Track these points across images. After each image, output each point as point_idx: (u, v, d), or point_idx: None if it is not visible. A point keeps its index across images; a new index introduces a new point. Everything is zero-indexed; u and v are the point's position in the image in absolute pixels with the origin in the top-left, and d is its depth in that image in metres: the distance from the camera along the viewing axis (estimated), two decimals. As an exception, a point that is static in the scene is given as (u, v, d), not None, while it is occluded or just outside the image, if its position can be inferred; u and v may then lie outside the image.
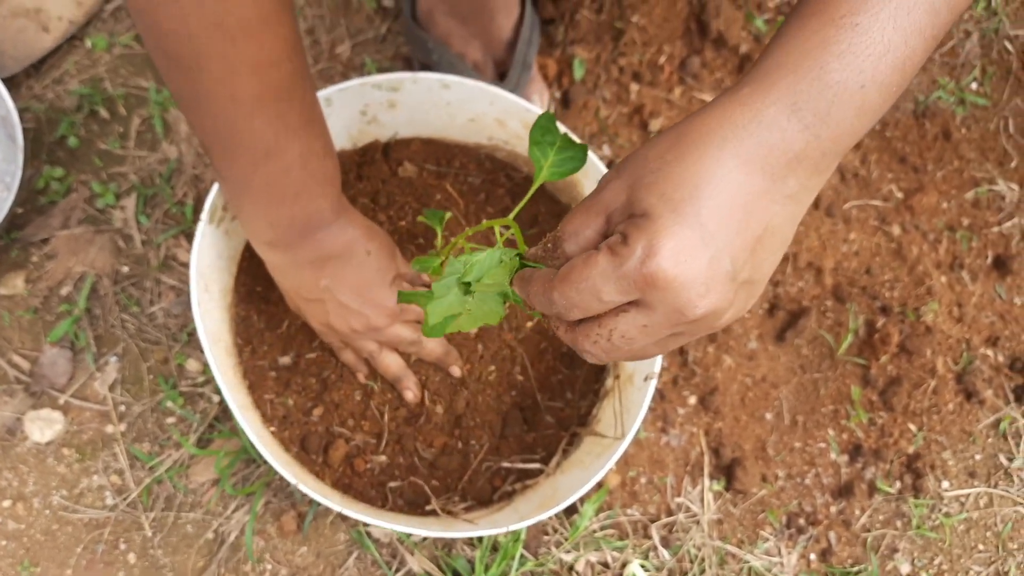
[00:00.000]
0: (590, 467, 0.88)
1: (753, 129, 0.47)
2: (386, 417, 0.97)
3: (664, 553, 1.12)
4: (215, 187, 0.84)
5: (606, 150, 1.20)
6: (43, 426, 1.04)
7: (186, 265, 1.09)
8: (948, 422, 1.20)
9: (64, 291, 1.08)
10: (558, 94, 1.20)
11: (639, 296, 0.47)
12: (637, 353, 0.51)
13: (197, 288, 0.82)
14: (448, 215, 0.79)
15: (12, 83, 1.10)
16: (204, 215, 0.83)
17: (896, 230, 1.24)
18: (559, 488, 0.90)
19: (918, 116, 1.28)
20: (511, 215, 0.65)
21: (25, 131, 1.09)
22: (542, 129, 0.59)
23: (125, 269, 1.09)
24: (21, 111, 1.10)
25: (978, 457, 1.19)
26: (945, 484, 1.19)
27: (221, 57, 0.62)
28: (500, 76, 1.12)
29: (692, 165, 0.47)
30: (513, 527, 0.84)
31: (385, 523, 0.83)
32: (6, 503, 1.04)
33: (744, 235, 0.47)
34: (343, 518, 1.07)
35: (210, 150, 0.71)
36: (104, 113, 1.12)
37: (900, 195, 1.26)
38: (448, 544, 1.07)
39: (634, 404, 0.89)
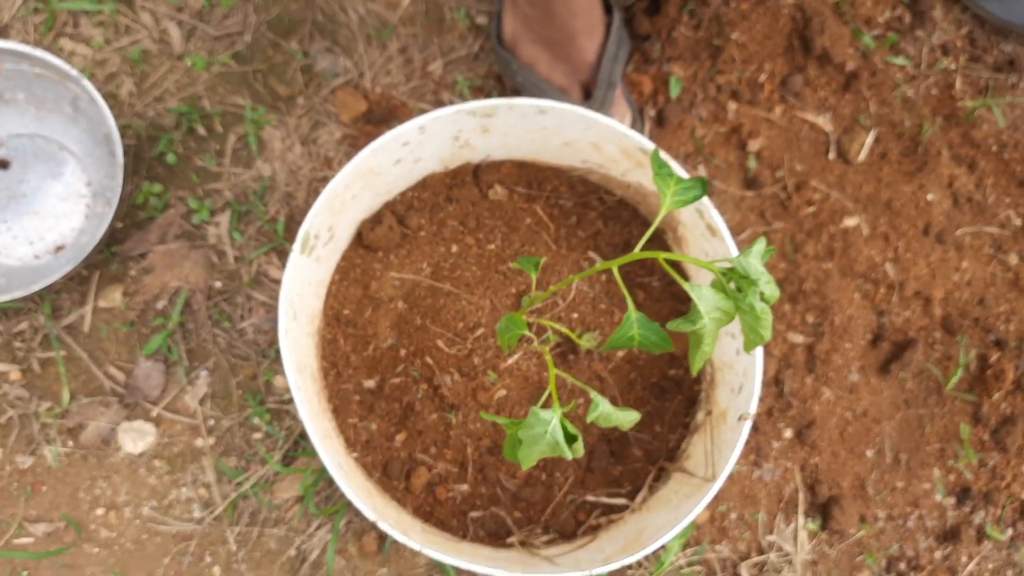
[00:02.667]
0: (679, 508, 0.85)
1: None
2: (469, 447, 0.96)
3: (754, 593, 1.07)
4: (308, 217, 0.84)
5: (702, 170, 1.16)
6: (136, 437, 1.07)
7: (277, 282, 1.10)
8: (1067, 466, 1.12)
9: (159, 305, 1.10)
10: (653, 112, 1.16)
11: None
12: None
13: (286, 317, 0.81)
14: (543, 260, 0.77)
15: (115, 100, 1.13)
16: (296, 246, 0.82)
17: (1013, 259, 1.17)
18: (646, 527, 0.87)
19: (1041, 137, 1.20)
20: (635, 250, 0.65)
21: (126, 147, 1.12)
22: (659, 162, 0.66)
23: (218, 284, 1.10)
24: (123, 128, 1.12)
25: (1101, 507, 1.11)
26: (1063, 533, 1.11)
27: None
28: (586, 96, 1.09)
29: None
30: (596, 571, 0.81)
31: (464, 563, 0.81)
32: (99, 511, 1.06)
33: None
34: (424, 542, 1.06)
35: None
36: (201, 130, 1.13)
37: (1019, 221, 1.18)
38: (529, 573, 1.05)
39: (726, 445, 0.85)
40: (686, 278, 1.03)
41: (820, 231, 1.15)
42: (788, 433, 1.11)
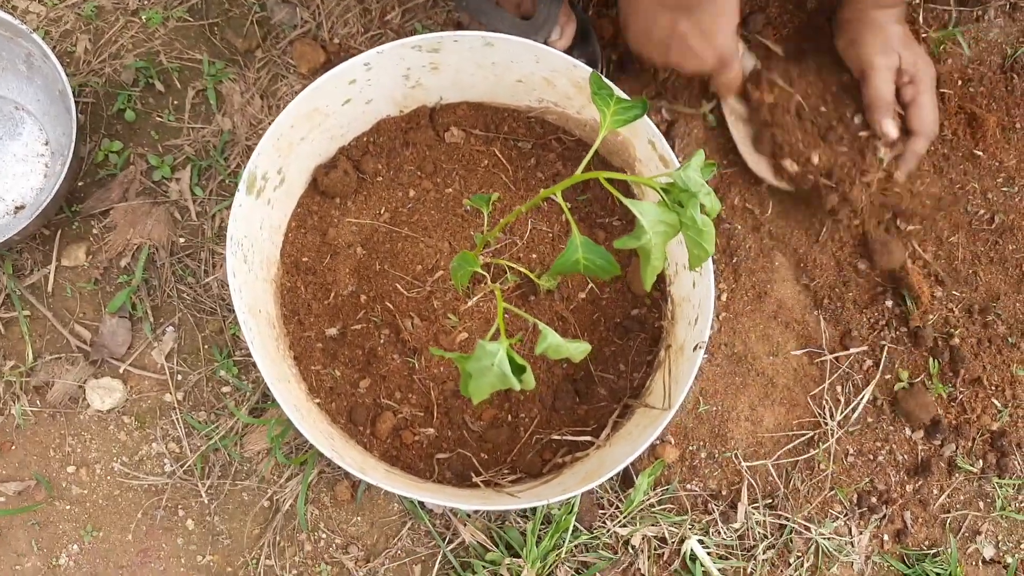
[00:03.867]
0: (637, 439, 0.85)
1: None
2: (433, 391, 0.96)
3: (725, 529, 1.08)
4: (252, 156, 0.83)
5: (665, 114, 1.15)
6: (104, 394, 1.07)
7: (239, 236, 1.10)
8: (1036, 398, 1.12)
9: (123, 262, 1.09)
10: (615, 56, 1.15)
11: None
12: None
13: (233, 258, 0.81)
14: (495, 196, 0.77)
15: (71, 58, 1.12)
16: (241, 186, 0.82)
17: (976, 186, 1.16)
18: (606, 461, 0.87)
19: (1006, 71, 1.19)
20: (575, 176, 0.64)
21: (84, 105, 1.11)
22: (597, 83, 0.65)
23: (181, 240, 1.10)
24: (80, 86, 1.11)
25: (1069, 435, 1.11)
26: (1033, 463, 1.11)
27: None
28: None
29: None
30: (554, 500, 0.81)
31: (425, 497, 0.82)
32: (70, 468, 1.06)
33: None
34: (395, 489, 1.07)
35: None
36: (160, 86, 1.13)
37: (981, 153, 1.17)
38: (501, 516, 1.05)
39: (683, 374, 0.86)
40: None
41: (785, 169, 1.15)
42: (757, 372, 1.12)
